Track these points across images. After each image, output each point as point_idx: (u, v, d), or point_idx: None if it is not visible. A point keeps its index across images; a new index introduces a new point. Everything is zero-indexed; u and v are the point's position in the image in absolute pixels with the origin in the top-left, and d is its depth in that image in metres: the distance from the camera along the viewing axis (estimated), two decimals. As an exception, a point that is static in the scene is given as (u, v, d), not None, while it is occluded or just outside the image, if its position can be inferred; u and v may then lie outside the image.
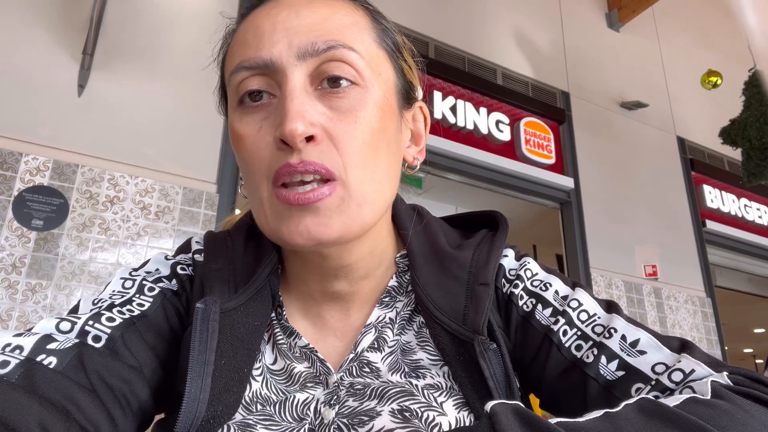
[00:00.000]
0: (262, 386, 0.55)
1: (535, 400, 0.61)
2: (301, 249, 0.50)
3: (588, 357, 0.52)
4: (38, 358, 0.43)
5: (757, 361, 11.61)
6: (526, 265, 0.61)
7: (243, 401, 0.53)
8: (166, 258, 0.61)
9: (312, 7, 0.51)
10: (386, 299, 0.59)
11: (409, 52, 0.60)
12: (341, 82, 0.49)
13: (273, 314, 0.58)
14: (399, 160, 0.56)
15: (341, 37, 0.50)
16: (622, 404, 0.39)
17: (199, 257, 0.61)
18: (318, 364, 0.55)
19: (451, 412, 0.51)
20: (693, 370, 0.46)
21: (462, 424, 0.51)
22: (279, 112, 0.48)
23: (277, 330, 0.58)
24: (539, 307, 0.57)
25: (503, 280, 0.60)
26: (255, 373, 0.55)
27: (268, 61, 0.49)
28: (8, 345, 0.44)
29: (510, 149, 3.23)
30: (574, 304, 0.56)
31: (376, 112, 0.51)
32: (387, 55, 0.55)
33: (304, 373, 0.55)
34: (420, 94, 0.62)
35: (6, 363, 0.42)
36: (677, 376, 0.46)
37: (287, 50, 0.48)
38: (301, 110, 0.46)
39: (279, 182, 0.47)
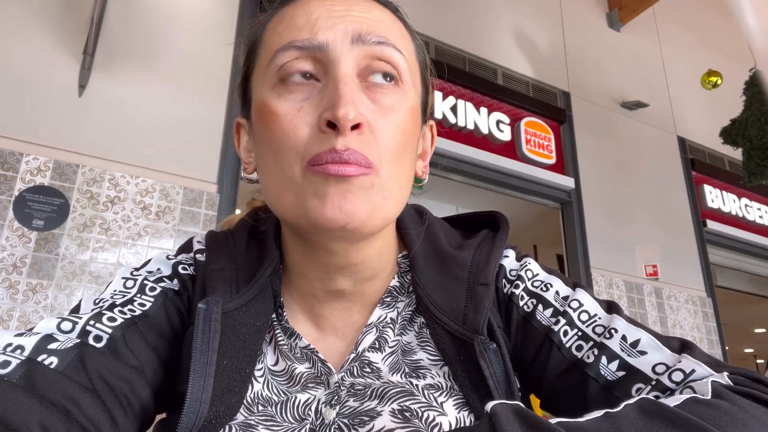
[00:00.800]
0: (263, 387, 0.55)
1: (535, 401, 0.61)
2: (326, 226, 0.48)
3: (588, 357, 0.52)
4: (39, 358, 0.43)
5: (758, 361, 11.60)
6: (526, 265, 0.61)
7: (245, 402, 0.53)
8: (167, 258, 0.61)
9: (365, 7, 0.53)
10: (388, 299, 0.59)
11: (431, 73, 0.62)
12: (387, 78, 0.51)
13: (274, 315, 0.58)
14: (414, 167, 0.57)
15: (391, 37, 0.52)
16: (623, 404, 0.39)
17: (200, 257, 0.61)
18: (319, 364, 0.55)
19: (452, 412, 0.51)
20: (693, 371, 0.46)
21: (462, 424, 0.51)
22: (328, 95, 0.48)
23: (278, 331, 0.58)
24: (540, 307, 0.57)
25: (504, 280, 0.60)
26: (257, 373, 0.55)
27: (323, 44, 0.49)
28: (9, 345, 0.44)
29: (510, 149, 3.23)
30: (574, 304, 0.56)
31: (410, 114, 0.53)
32: (420, 69, 0.58)
33: (305, 374, 0.55)
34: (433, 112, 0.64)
35: (7, 363, 0.42)
36: (678, 377, 0.46)
37: (342, 36, 0.50)
38: (354, 97, 0.47)
39: (318, 162, 0.47)
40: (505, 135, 3.20)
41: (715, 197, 4.11)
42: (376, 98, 0.50)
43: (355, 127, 0.47)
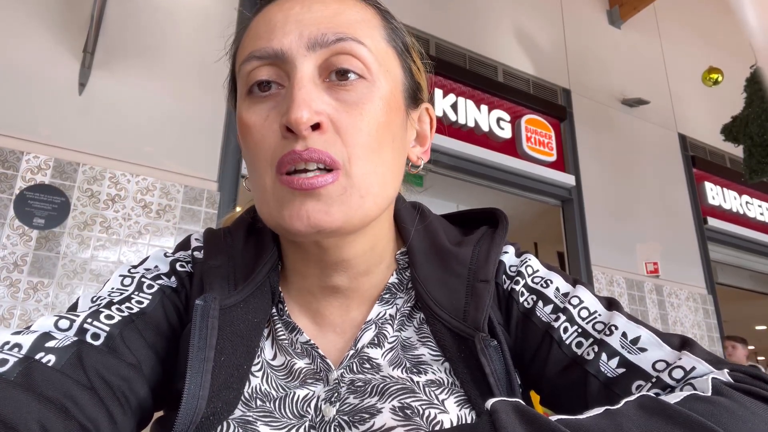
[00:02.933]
0: (261, 381, 0.55)
1: (535, 397, 0.61)
2: (300, 237, 0.49)
3: (588, 354, 0.52)
4: (37, 356, 0.43)
5: (759, 358, 11.61)
6: (526, 261, 0.61)
7: (243, 397, 0.53)
8: (165, 255, 0.61)
9: (324, 2, 0.52)
10: (386, 296, 0.59)
11: (417, 54, 0.60)
12: (349, 75, 0.50)
13: (274, 310, 0.58)
14: (403, 156, 0.57)
15: (351, 30, 0.51)
16: (623, 401, 0.39)
17: (198, 254, 0.60)
18: (318, 360, 0.55)
19: (453, 410, 0.51)
20: (694, 368, 0.46)
21: (463, 422, 0.51)
22: (286, 100, 0.48)
23: (279, 326, 0.58)
24: (540, 303, 0.57)
25: (504, 276, 0.60)
26: (254, 369, 0.55)
27: (278, 51, 0.49)
28: (7, 343, 0.44)
29: (511, 146, 3.22)
30: (574, 301, 0.56)
31: (382, 105, 0.51)
32: (396, 54, 0.56)
33: (305, 369, 0.55)
34: (426, 95, 0.62)
35: (5, 361, 0.42)
36: (678, 374, 0.46)
37: (297, 40, 0.49)
38: (308, 99, 0.47)
39: (283, 169, 0.48)
40: (505, 132, 3.20)
41: (715, 194, 4.11)
42: (340, 96, 0.49)
43: (316, 127, 0.47)
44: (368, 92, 0.50)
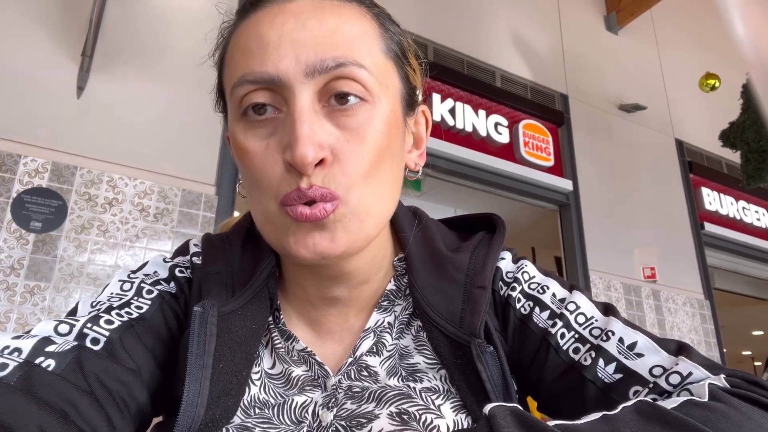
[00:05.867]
0: (260, 390, 0.55)
1: (532, 404, 0.61)
2: (305, 262, 0.50)
3: (586, 360, 0.52)
4: (37, 361, 0.43)
5: (756, 363, 11.61)
6: (523, 267, 0.61)
7: (242, 405, 0.53)
8: (164, 260, 0.61)
9: (319, 17, 0.49)
10: (384, 303, 0.59)
11: (413, 55, 0.59)
12: (349, 98, 0.48)
13: (270, 318, 0.58)
14: (401, 168, 0.56)
15: (350, 52, 0.48)
16: (620, 407, 0.39)
17: (197, 260, 0.60)
18: (316, 367, 0.55)
19: (449, 415, 0.51)
20: (690, 373, 0.46)
21: (460, 427, 0.51)
22: (287, 133, 0.47)
23: (275, 334, 0.58)
24: (537, 309, 0.57)
25: (500, 282, 0.60)
26: (254, 376, 0.55)
27: (275, 77, 0.47)
28: (7, 347, 0.44)
29: (509, 151, 3.23)
30: (571, 306, 0.56)
31: (383, 128, 0.50)
32: (393, 64, 0.54)
33: (302, 377, 0.55)
34: (421, 96, 0.61)
35: (4, 365, 0.42)
36: (675, 379, 0.46)
37: (295, 66, 0.47)
38: (311, 134, 0.46)
39: (287, 203, 0.47)
40: (503, 137, 3.21)
41: (712, 200, 4.12)
42: (340, 122, 0.48)
43: (319, 162, 0.46)
44: (369, 116, 0.49)
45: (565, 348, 0.54)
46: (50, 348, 0.45)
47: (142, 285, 0.57)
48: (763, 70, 0.25)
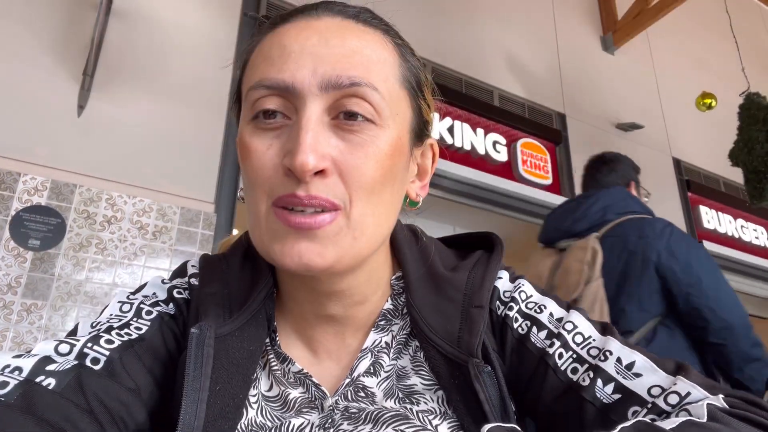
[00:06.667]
0: (257, 414, 0.54)
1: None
2: (288, 270, 0.49)
3: (584, 380, 0.51)
4: (37, 379, 0.43)
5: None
6: (520, 287, 0.61)
7: (239, 428, 0.52)
8: (162, 282, 0.61)
9: (342, 36, 0.50)
10: (382, 323, 0.59)
11: (430, 90, 0.59)
12: (358, 118, 0.49)
13: (267, 340, 0.58)
14: (401, 195, 0.56)
15: (366, 74, 0.49)
16: (619, 427, 0.39)
17: (195, 281, 0.60)
18: (313, 388, 0.55)
19: (447, 435, 0.51)
20: (689, 393, 0.46)
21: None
22: (292, 139, 0.47)
23: (271, 356, 0.57)
24: (534, 329, 0.57)
25: (498, 302, 0.60)
26: (251, 399, 0.55)
27: (289, 85, 0.48)
28: (7, 366, 0.44)
29: (507, 170, 3.24)
30: (569, 326, 0.56)
31: (387, 149, 0.50)
32: (408, 95, 0.55)
33: (299, 399, 0.55)
34: (433, 131, 0.61)
35: (5, 384, 0.42)
36: (673, 399, 0.46)
37: (311, 77, 0.48)
38: (314, 143, 0.46)
39: (280, 204, 0.48)
40: (501, 156, 3.22)
41: (711, 218, 4.12)
42: (346, 137, 0.48)
43: (319, 172, 0.47)
44: (375, 136, 0.49)
45: (563, 368, 0.54)
46: (51, 367, 0.45)
47: (142, 306, 0.57)
48: None
